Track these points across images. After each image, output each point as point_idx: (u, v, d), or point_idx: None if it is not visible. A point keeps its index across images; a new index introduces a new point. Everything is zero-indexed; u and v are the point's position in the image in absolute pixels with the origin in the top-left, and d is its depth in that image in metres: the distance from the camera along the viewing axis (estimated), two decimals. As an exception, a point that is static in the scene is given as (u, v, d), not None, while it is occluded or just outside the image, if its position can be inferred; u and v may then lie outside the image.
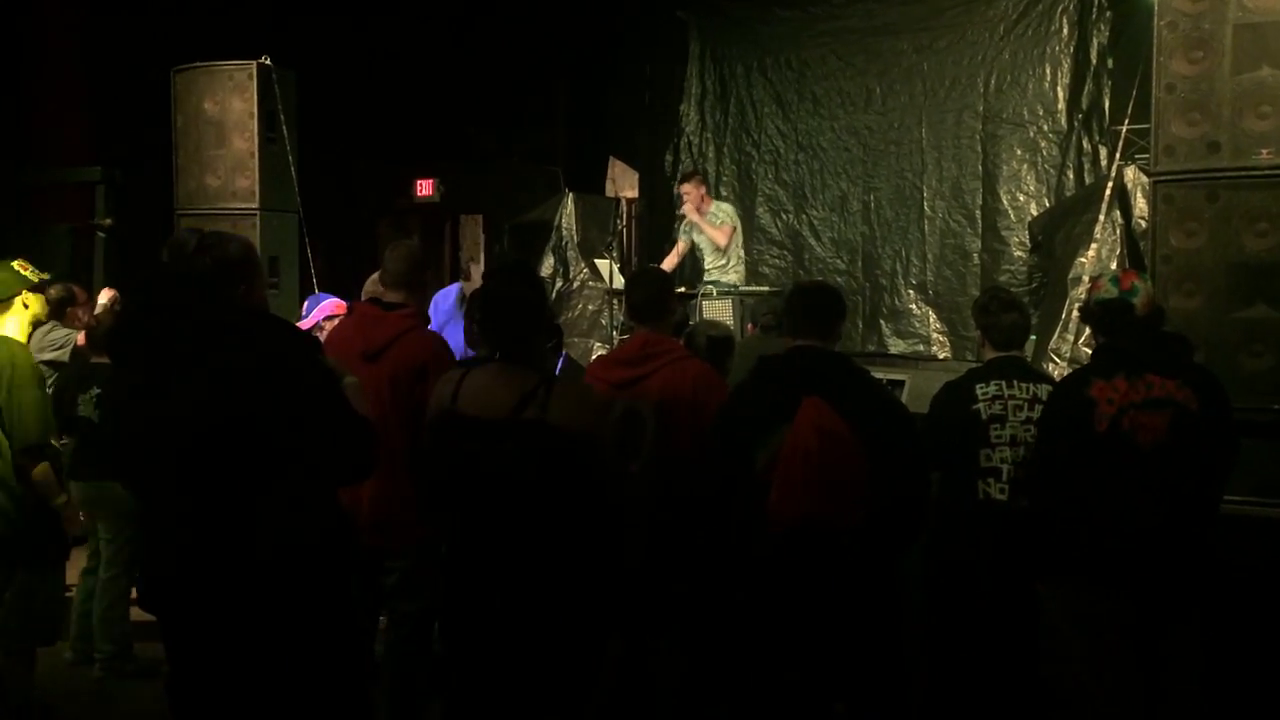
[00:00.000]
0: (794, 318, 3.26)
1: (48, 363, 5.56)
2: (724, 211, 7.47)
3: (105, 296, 5.96)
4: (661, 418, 3.31)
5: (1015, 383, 3.54)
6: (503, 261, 8.89)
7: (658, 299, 3.60)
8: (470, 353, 4.54)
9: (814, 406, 2.92)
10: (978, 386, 3.55)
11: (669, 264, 7.73)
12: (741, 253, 7.60)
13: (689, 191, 7.42)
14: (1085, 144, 8.06)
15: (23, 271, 4.08)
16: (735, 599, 3.19)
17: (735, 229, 7.43)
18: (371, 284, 4.21)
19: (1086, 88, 8.03)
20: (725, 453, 3.14)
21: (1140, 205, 6.50)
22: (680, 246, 7.74)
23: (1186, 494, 3.00)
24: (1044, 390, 3.54)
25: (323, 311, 5.14)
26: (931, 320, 8.57)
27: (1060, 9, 8.11)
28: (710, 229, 7.33)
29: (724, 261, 7.43)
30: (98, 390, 4.70)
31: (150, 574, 2.53)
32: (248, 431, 2.33)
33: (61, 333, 5.62)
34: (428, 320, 3.89)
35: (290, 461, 2.37)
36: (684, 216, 7.53)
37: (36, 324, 4.53)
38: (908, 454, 3.12)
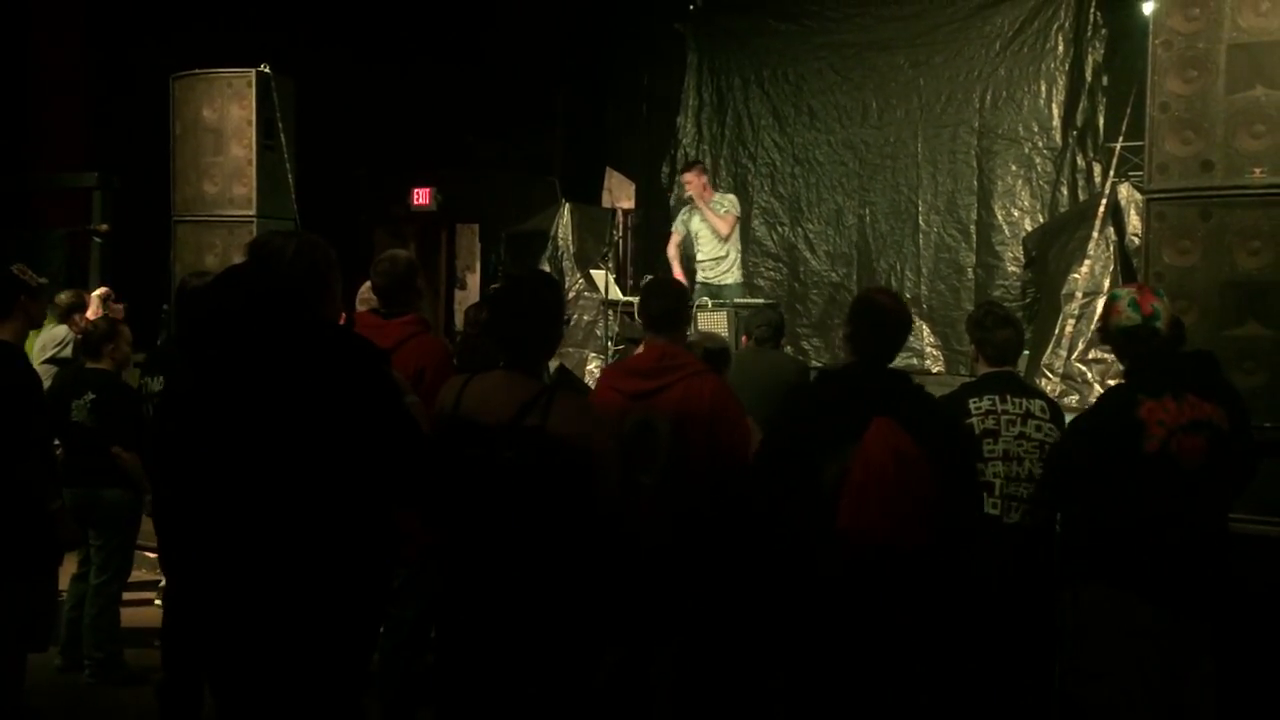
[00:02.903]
0: (862, 333, 3.06)
1: (52, 360, 5.58)
2: (728, 200, 7.48)
3: (98, 295, 5.96)
4: (677, 432, 3.26)
5: (1009, 397, 3.55)
6: (523, 270, 8.86)
7: (676, 310, 3.54)
8: None
9: (886, 426, 2.81)
10: (970, 401, 3.55)
11: (672, 251, 7.77)
12: (740, 249, 7.60)
13: (690, 181, 7.45)
14: (1079, 161, 8.11)
15: (21, 276, 4.09)
16: (789, 617, 3.07)
17: (738, 219, 7.45)
18: (366, 291, 4.24)
19: (1081, 105, 8.08)
20: (787, 470, 3.00)
21: (1134, 222, 6.53)
22: (675, 238, 7.73)
23: (1218, 509, 3.06)
24: (1037, 405, 3.54)
25: None
26: (925, 334, 8.59)
27: (1056, 27, 8.16)
28: (714, 216, 7.34)
29: (722, 253, 7.40)
30: (92, 396, 4.69)
31: (193, 578, 2.48)
32: (309, 447, 2.30)
33: (61, 329, 5.63)
34: (428, 326, 3.91)
35: (351, 478, 2.34)
36: (683, 205, 7.54)
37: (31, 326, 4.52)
38: (970, 475, 3.07)
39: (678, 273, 7.67)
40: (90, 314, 5.74)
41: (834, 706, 2.99)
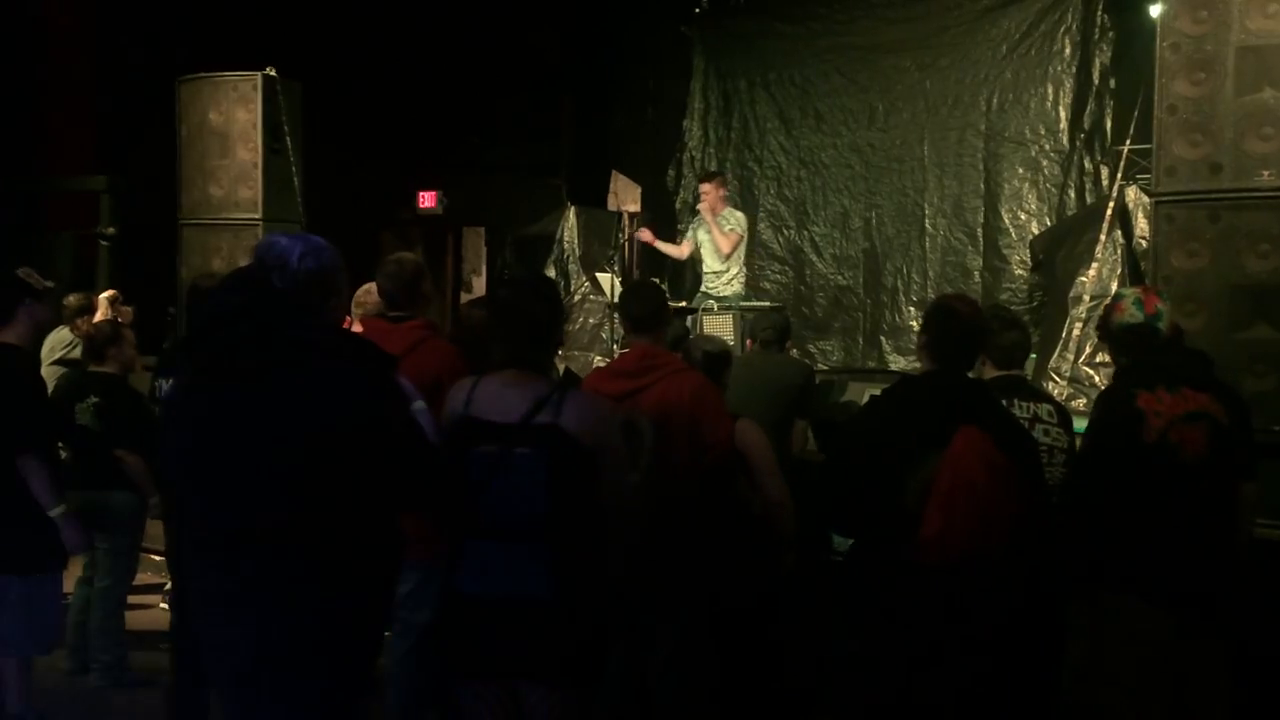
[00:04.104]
0: (940, 341, 2.97)
1: (60, 361, 5.60)
2: (735, 219, 7.43)
3: (105, 297, 5.98)
4: (658, 430, 3.31)
5: (1016, 401, 3.53)
6: (518, 272, 8.90)
7: (656, 311, 3.60)
8: None
9: (973, 436, 2.75)
10: None
11: (674, 251, 7.83)
12: (744, 266, 7.58)
13: (707, 191, 7.41)
14: (1087, 163, 8.08)
15: (27, 279, 4.09)
16: (867, 630, 3.00)
17: (742, 239, 7.39)
18: (364, 294, 4.22)
19: (1089, 108, 8.05)
20: (866, 476, 2.92)
21: (1141, 225, 6.51)
22: (685, 247, 7.74)
23: (1223, 506, 3.04)
24: (1045, 409, 3.53)
25: None
26: (932, 337, 8.54)
27: (1063, 29, 8.14)
28: (718, 232, 7.32)
29: (723, 268, 7.40)
30: (95, 399, 4.70)
31: (197, 581, 2.45)
32: (314, 451, 2.29)
33: (68, 333, 5.65)
34: (438, 330, 3.89)
35: (357, 483, 2.33)
36: (690, 210, 7.54)
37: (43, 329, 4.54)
38: (1045, 487, 3.05)
39: (668, 249, 7.85)
40: (99, 317, 5.75)
41: (891, 710, 2.95)
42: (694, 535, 3.37)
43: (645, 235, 7.93)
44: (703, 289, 7.55)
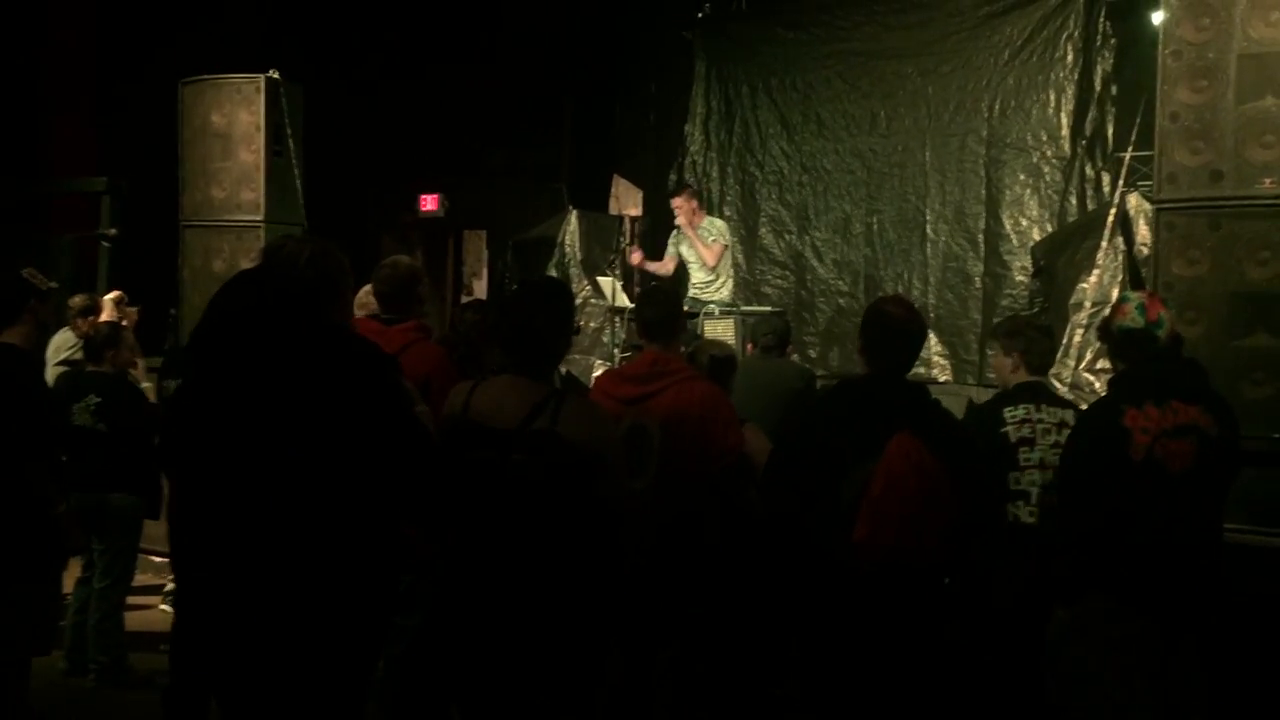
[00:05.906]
0: (875, 346, 2.98)
1: (65, 362, 5.60)
2: (716, 229, 7.45)
3: (111, 298, 5.97)
4: (667, 436, 3.31)
5: (1044, 407, 3.57)
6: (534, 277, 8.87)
7: (670, 318, 3.61)
8: None
9: (908, 442, 2.77)
10: (1006, 410, 3.57)
11: (659, 268, 7.78)
12: (731, 270, 7.59)
13: (679, 206, 7.44)
14: (1088, 170, 8.08)
15: (31, 280, 4.09)
16: (802, 627, 3.04)
17: (726, 247, 7.42)
18: (365, 294, 4.24)
19: (1090, 114, 8.06)
20: (803, 481, 2.94)
21: (1142, 232, 6.51)
22: (669, 263, 7.73)
23: (1208, 516, 3.05)
24: (1070, 415, 3.56)
25: None
26: (932, 343, 8.56)
27: (1065, 36, 8.15)
28: (701, 246, 7.33)
29: (712, 278, 7.43)
30: (96, 399, 4.70)
31: (195, 583, 2.47)
32: (319, 451, 2.31)
33: (73, 334, 5.66)
34: (429, 333, 3.91)
35: (360, 484, 2.34)
36: (677, 229, 7.54)
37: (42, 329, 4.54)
38: (988, 490, 3.06)
39: (655, 267, 7.78)
40: (104, 318, 5.75)
41: (844, 715, 2.96)
42: (703, 541, 3.37)
43: (635, 258, 7.93)
44: (691, 295, 7.55)
